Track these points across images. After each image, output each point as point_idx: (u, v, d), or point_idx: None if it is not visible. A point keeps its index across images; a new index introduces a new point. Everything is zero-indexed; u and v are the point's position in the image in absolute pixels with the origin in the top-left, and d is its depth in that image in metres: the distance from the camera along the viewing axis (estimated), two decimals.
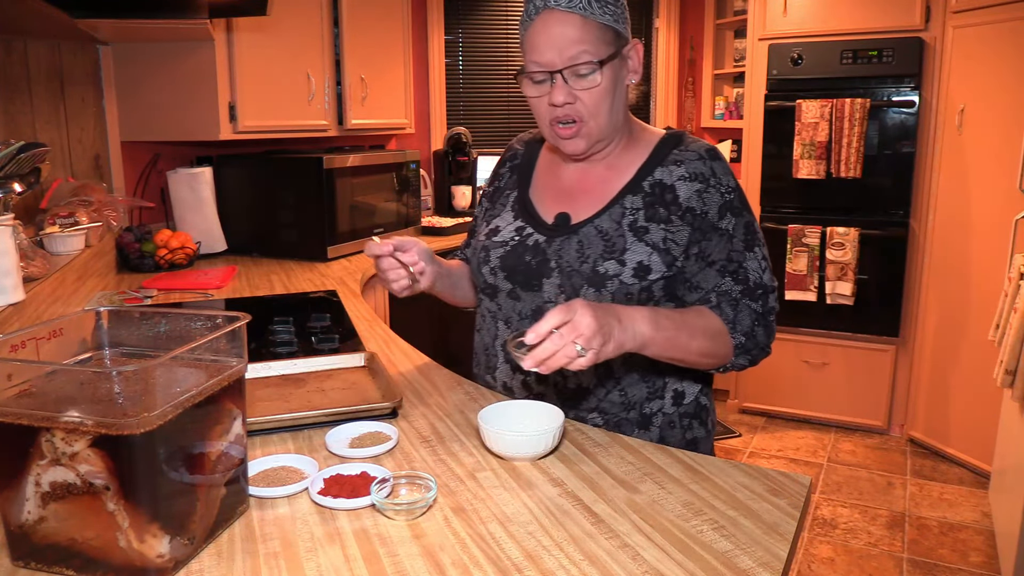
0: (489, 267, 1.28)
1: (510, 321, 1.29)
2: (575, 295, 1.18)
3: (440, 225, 3.48)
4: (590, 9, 1.12)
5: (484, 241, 1.31)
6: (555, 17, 1.13)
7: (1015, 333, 2.31)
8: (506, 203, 1.35)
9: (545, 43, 1.13)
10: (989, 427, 3.01)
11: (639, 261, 1.17)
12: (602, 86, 1.15)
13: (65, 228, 2.11)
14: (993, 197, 3.03)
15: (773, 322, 1.22)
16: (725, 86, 4.44)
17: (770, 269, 1.22)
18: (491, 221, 1.34)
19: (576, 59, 1.13)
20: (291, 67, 2.87)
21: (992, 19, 2.99)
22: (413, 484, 0.97)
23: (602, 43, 1.14)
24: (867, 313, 3.53)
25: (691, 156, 1.20)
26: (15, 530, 0.81)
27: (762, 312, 1.20)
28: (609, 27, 1.14)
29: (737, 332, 1.19)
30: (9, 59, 2.03)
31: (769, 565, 0.81)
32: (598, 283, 1.17)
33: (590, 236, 1.20)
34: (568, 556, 0.83)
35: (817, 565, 2.59)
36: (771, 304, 1.21)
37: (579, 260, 1.19)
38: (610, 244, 1.18)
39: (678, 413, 1.27)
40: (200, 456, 0.85)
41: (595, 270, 1.17)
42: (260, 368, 1.41)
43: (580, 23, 1.12)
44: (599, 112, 1.17)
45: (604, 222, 1.20)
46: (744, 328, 1.19)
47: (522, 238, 1.26)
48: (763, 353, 1.22)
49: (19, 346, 0.85)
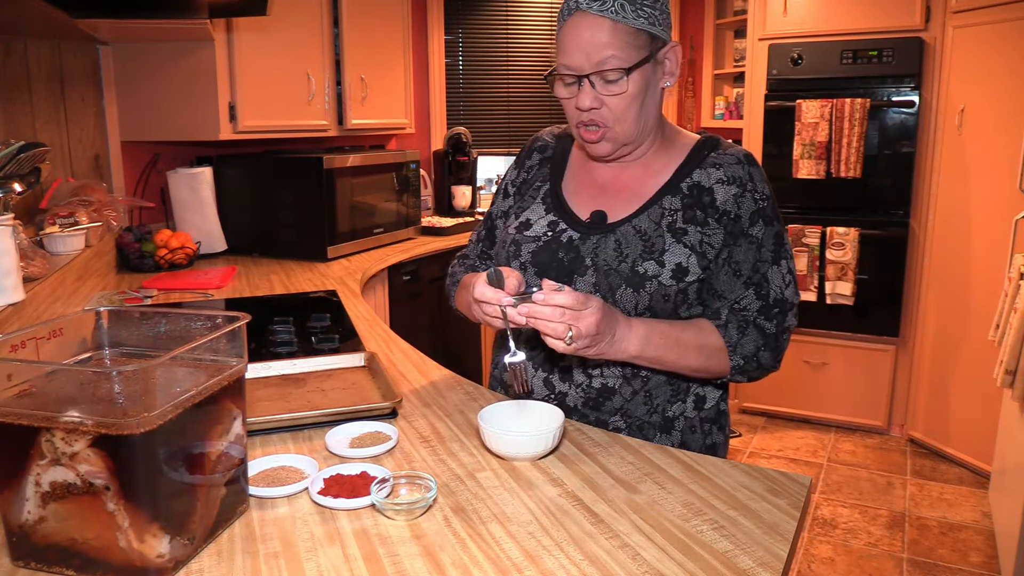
0: (519, 262, 1.25)
1: None
2: (611, 294, 1.17)
3: (440, 225, 3.48)
4: (622, 12, 1.10)
5: (514, 235, 1.28)
6: (586, 20, 1.11)
7: (1015, 333, 2.31)
8: (536, 195, 1.31)
9: (574, 46, 1.12)
10: (989, 427, 3.01)
11: (678, 263, 1.16)
12: (629, 92, 1.13)
13: (65, 228, 2.11)
14: (993, 197, 3.03)
15: (786, 340, 1.21)
16: (725, 86, 4.44)
17: (795, 284, 1.21)
18: (520, 214, 1.31)
19: (604, 64, 1.11)
20: (291, 67, 2.87)
21: (992, 19, 2.99)
22: (413, 484, 0.97)
23: (632, 48, 1.11)
24: (867, 313, 3.53)
25: (730, 160, 1.20)
26: (15, 530, 0.81)
27: (775, 332, 1.19)
28: (642, 31, 1.12)
29: (737, 355, 1.19)
30: (9, 59, 2.03)
31: (769, 565, 0.81)
32: (637, 284, 1.16)
33: (628, 235, 1.19)
34: (568, 556, 0.83)
35: (817, 565, 2.59)
36: (788, 323, 1.21)
37: (617, 259, 1.18)
38: (649, 244, 1.17)
39: (699, 418, 1.26)
40: (200, 456, 0.85)
41: (634, 270, 1.16)
42: (260, 368, 1.41)
43: (610, 27, 1.10)
44: (626, 118, 1.16)
45: (643, 222, 1.19)
46: (745, 352, 1.19)
47: (555, 233, 1.24)
48: (763, 373, 1.22)
49: (19, 346, 0.85)
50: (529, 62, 4.28)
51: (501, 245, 1.31)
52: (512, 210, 1.36)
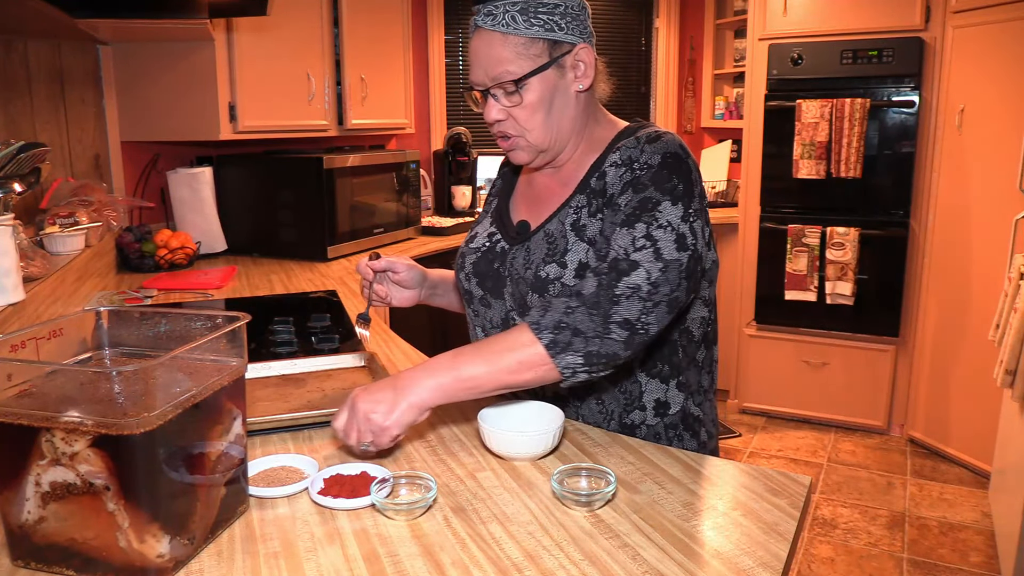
0: (464, 273, 1.29)
1: (486, 328, 1.28)
2: (523, 303, 1.18)
3: (440, 225, 3.48)
4: (513, 25, 1.10)
5: (463, 247, 1.33)
6: (482, 37, 1.13)
7: (1015, 333, 2.31)
8: (488, 210, 1.36)
9: (475, 62, 1.14)
10: (989, 427, 3.01)
11: (579, 260, 1.13)
12: (529, 101, 1.13)
13: (65, 228, 2.11)
14: (993, 197, 3.03)
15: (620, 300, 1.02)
16: (725, 86, 4.44)
17: (654, 251, 1.04)
18: (474, 227, 1.36)
19: (499, 78, 1.12)
20: (291, 67, 2.87)
21: (992, 19, 2.99)
22: (413, 484, 0.97)
23: (527, 58, 1.11)
24: (867, 313, 3.53)
25: (630, 143, 1.14)
26: (15, 530, 0.81)
27: (596, 289, 1.03)
28: (538, 39, 1.11)
29: (543, 331, 1.02)
30: (9, 59, 2.03)
31: (769, 565, 0.81)
32: (540, 288, 1.15)
33: (538, 241, 1.19)
34: (568, 556, 0.83)
35: (817, 565, 2.59)
36: (628, 281, 1.02)
37: (524, 267, 1.18)
38: (553, 247, 1.16)
39: (663, 424, 1.20)
40: (200, 456, 0.85)
41: (537, 275, 1.16)
42: (260, 368, 1.41)
43: (501, 41, 1.11)
44: (532, 127, 1.15)
45: (553, 225, 1.19)
46: (550, 322, 1.02)
47: (492, 244, 1.27)
48: (603, 344, 1.01)
49: (19, 346, 0.85)
50: None
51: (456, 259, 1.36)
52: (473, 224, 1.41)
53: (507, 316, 1.22)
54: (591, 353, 1.01)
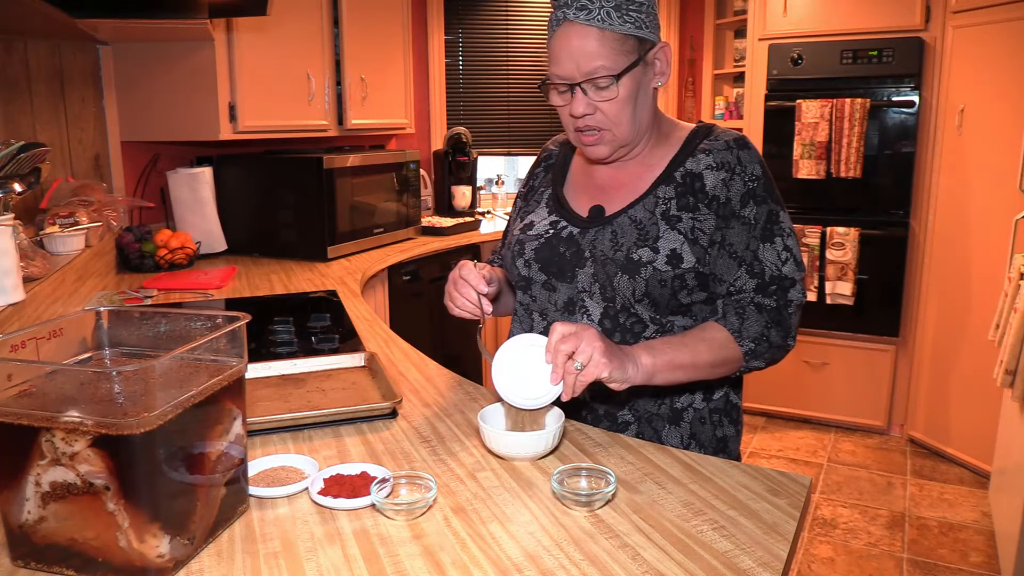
0: (523, 259, 1.29)
1: (545, 312, 1.29)
2: (609, 284, 1.20)
3: (440, 225, 3.48)
4: (608, 21, 1.12)
5: (518, 235, 1.33)
6: (574, 30, 1.13)
7: (1015, 333, 2.31)
8: (540, 200, 1.36)
9: (565, 56, 1.15)
10: (989, 427, 3.01)
11: (672, 249, 1.18)
12: (621, 96, 1.15)
13: (65, 228, 2.11)
14: (993, 197, 3.03)
15: (792, 315, 1.20)
16: (725, 86, 4.44)
17: (794, 260, 1.20)
18: (525, 217, 1.36)
19: (594, 73, 1.13)
20: (291, 67, 2.87)
21: (992, 19, 2.99)
22: (413, 484, 0.97)
23: (621, 54, 1.14)
24: (867, 313, 3.53)
25: (719, 146, 1.21)
26: (15, 530, 0.81)
27: (776, 307, 1.19)
28: (630, 36, 1.14)
29: (745, 339, 1.18)
30: (9, 59, 2.03)
31: (769, 565, 0.81)
32: (632, 270, 1.18)
33: (624, 225, 1.22)
34: (568, 556, 0.83)
35: (817, 565, 2.59)
36: (791, 297, 1.20)
37: (613, 248, 1.21)
38: (644, 232, 1.20)
39: (708, 409, 1.27)
40: (200, 456, 0.85)
41: (629, 257, 1.19)
42: (260, 368, 1.41)
43: (598, 36, 1.12)
44: (620, 121, 1.18)
45: (638, 212, 1.22)
46: (752, 334, 1.18)
47: (556, 231, 1.28)
48: (780, 352, 1.21)
49: (19, 346, 0.85)
50: (529, 62, 4.28)
51: (508, 247, 1.36)
52: (519, 215, 1.40)
53: (574, 298, 1.24)
54: (772, 360, 1.21)
